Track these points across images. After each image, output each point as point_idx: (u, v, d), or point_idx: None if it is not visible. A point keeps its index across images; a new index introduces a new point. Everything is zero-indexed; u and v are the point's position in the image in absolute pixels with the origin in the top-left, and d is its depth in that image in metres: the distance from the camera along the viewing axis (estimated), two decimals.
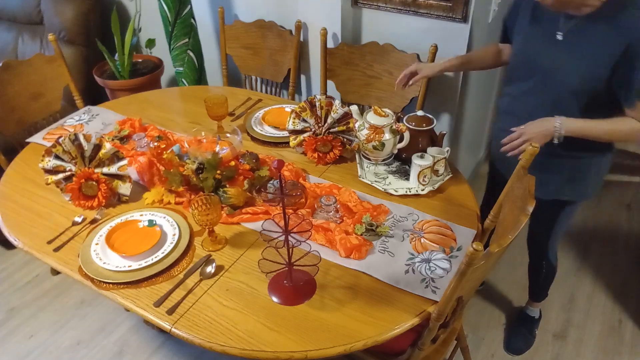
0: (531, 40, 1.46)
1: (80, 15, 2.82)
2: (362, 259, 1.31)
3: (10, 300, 2.26)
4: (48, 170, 1.54)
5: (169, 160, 1.54)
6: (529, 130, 1.38)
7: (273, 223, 1.17)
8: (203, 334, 1.15)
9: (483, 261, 1.05)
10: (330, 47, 2.22)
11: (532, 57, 1.45)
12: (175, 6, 2.36)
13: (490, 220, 1.49)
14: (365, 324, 1.15)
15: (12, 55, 2.97)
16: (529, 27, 1.46)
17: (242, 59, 2.52)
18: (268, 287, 1.25)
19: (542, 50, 1.42)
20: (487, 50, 1.72)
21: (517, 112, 1.52)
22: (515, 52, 1.53)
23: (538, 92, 1.45)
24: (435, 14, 1.98)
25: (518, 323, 2.07)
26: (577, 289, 2.26)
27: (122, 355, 2.01)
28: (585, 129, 1.35)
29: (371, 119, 1.60)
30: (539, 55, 1.43)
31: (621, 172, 3.02)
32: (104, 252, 1.35)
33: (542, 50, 1.42)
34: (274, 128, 1.89)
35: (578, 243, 2.50)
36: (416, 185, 1.55)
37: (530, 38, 1.46)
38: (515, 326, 2.07)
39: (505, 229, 1.27)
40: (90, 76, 2.88)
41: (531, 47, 1.46)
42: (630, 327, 2.08)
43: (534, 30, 1.45)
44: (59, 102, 2.18)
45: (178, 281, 1.28)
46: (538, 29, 1.43)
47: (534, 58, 1.44)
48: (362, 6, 2.14)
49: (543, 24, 1.42)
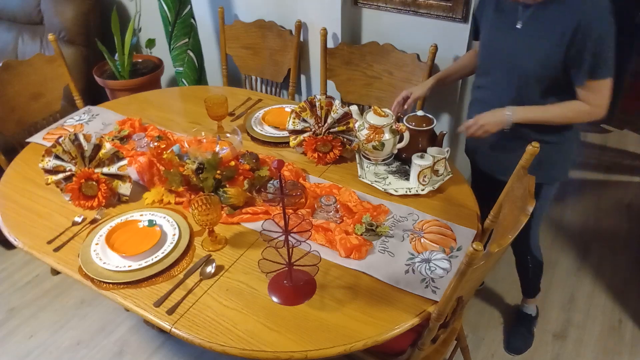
0: (495, 31, 1.53)
1: (80, 15, 2.82)
2: (362, 259, 1.32)
3: (10, 300, 2.26)
4: (48, 170, 1.54)
5: (169, 160, 1.54)
6: (484, 119, 1.51)
7: (273, 223, 1.17)
8: (203, 334, 1.15)
9: (483, 261, 1.05)
10: (330, 47, 2.22)
11: (496, 48, 1.53)
12: (175, 6, 2.36)
13: (490, 220, 1.49)
14: (365, 324, 1.15)
15: (12, 55, 2.97)
16: (493, 19, 1.54)
17: (242, 59, 2.52)
18: (268, 287, 1.26)
19: (505, 40, 1.49)
20: (468, 55, 1.79)
21: (489, 101, 1.58)
22: (482, 44, 1.60)
23: (504, 81, 1.52)
24: (435, 14, 1.98)
25: (516, 323, 2.07)
26: (577, 289, 2.26)
27: (122, 355, 2.01)
28: (534, 116, 1.47)
29: (371, 119, 1.60)
30: (502, 46, 1.50)
31: (621, 172, 3.02)
32: (104, 252, 1.35)
33: (505, 40, 1.49)
34: (274, 128, 1.89)
35: (578, 243, 2.50)
36: (416, 185, 1.55)
37: (494, 30, 1.54)
38: (513, 326, 2.07)
39: (505, 229, 1.27)
40: (90, 76, 2.88)
41: (495, 39, 1.53)
42: (630, 327, 2.08)
43: (498, 21, 1.52)
44: (59, 102, 2.18)
45: (178, 281, 1.28)
46: (501, 20, 1.51)
47: (498, 49, 1.52)
48: (362, 6, 2.14)
49: (505, 15, 1.49)
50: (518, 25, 1.45)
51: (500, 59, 1.51)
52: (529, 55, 1.43)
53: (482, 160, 1.72)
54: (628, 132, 3.40)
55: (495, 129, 1.50)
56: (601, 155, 3.18)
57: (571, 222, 2.64)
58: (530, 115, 1.47)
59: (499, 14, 1.51)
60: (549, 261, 2.39)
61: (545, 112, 1.47)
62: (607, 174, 3.00)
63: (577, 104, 1.44)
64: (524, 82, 1.47)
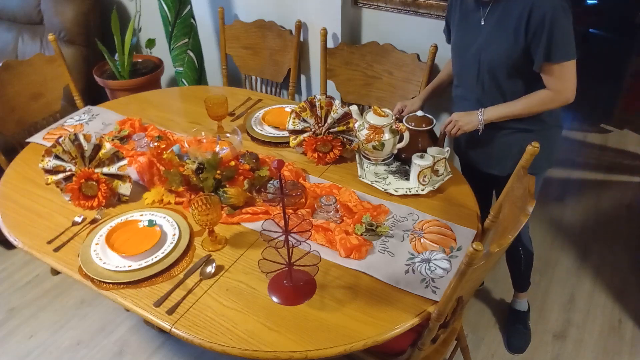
0: (463, 31, 1.59)
1: (80, 15, 2.82)
2: (362, 259, 1.32)
3: (10, 300, 2.26)
4: (48, 170, 1.54)
5: (169, 160, 1.54)
6: (459, 119, 1.59)
7: (273, 223, 1.17)
8: (203, 334, 1.15)
9: (483, 261, 1.05)
10: (330, 47, 2.22)
11: (464, 47, 1.58)
12: (175, 6, 2.36)
13: (490, 220, 1.49)
14: (365, 324, 1.15)
15: (12, 55, 2.97)
16: (460, 21, 1.60)
17: (242, 59, 2.52)
18: (268, 287, 1.26)
19: (471, 38, 1.55)
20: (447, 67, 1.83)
21: (465, 98, 1.65)
22: (453, 46, 1.65)
23: (475, 77, 1.57)
24: (435, 14, 1.98)
25: (511, 321, 2.07)
26: (577, 289, 2.26)
27: (122, 355, 2.01)
28: (503, 113, 1.53)
29: (371, 119, 1.60)
30: (469, 43, 1.56)
31: (621, 172, 3.02)
32: (104, 252, 1.35)
33: (471, 38, 1.55)
34: (274, 128, 1.89)
35: (578, 243, 2.50)
36: (416, 185, 1.55)
37: (461, 30, 1.59)
38: (509, 325, 2.06)
39: (505, 229, 1.27)
40: (90, 76, 2.88)
41: (463, 38, 1.59)
42: (630, 327, 2.08)
43: (464, 22, 1.58)
44: (59, 102, 2.18)
45: (178, 281, 1.28)
46: (467, 21, 1.57)
47: (466, 47, 1.57)
48: (362, 6, 2.14)
49: (470, 15, 1.56)
50: (482, 22, 1.51)
51: (469, 57, 1.56)
52: (495, 48, 1.48)
53: (475, 157, 1.74)
54: (628, 132, 3.40)
55: (468, 128, 1.57)
56: (601, 155, 3.18)
57: (571, 222, 2.64)
58: (498, 112, 1.53)
59: (464, 15, 1.58)
60: (549, 261, 2.40)
61: (513, 107, 1.52)
62: (607, 174, 3.00)
63: (540, 92, 1.48)
64: (492, 75, 1.52)
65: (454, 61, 1.67)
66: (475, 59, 1.54)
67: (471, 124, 1.56)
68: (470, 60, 1.56)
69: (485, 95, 1.57)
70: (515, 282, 2.03)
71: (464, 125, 1.57)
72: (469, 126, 1.57)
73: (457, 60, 1.64)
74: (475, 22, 1.53)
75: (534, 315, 2.13)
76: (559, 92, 1.46)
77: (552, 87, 1.46)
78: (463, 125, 1.57)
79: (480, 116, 1.54)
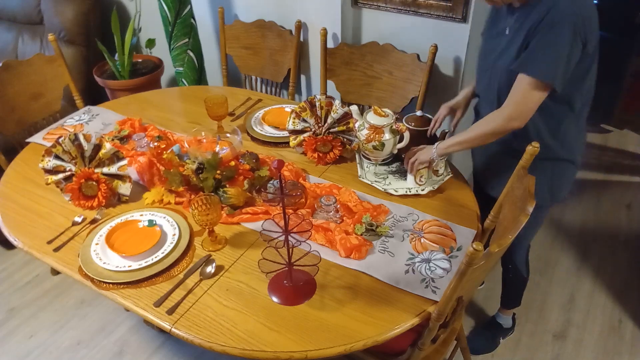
0: (488, 40, 1.52)
1: (80, 15, 2.82)
2: (362, 259, 1.32)
3: (10, 300, 2.26)
4: (48, 170, 1.54)
5: (169, 160, 1.54)
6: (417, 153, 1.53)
7: (273, 223, 1.17)
8: (203, 334, 1.15)
9: (483, 261, 1.05)
10: (330, 47, 2.22)
11: (485, 55, 1.51)
12: (175, 6, 2.36)
13: (490, 220, 1.49)
14: (365, 324, 1.15)
15: (12, 55, 2.97)
16: (488, 29, 1.53)
17: (242, 59, 2.52)
18: (268, 287, 1.26)
19: (493, 47, 1.47)
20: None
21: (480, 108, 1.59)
22: (479, 53, 1.57)
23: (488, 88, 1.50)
24: (435, 14, 1.98)
25: (483, 325, 2.05)
26: (577, 289, 2.26)
27: (122, 355, 2.01)
28: (453, 141, 1.46)
29: (371, 119, 1.60)
30: (489, 52, 1.48)
31: (621, 172, 3.02)
32: (104, 252, 1.35)
33: (493, 47, 1.47)
34: (274, 128, 1.89)
35: (578, 243, 2.50)
36: (413, 185, 1.55)
37: (488, 38, 1.52)
38: (480, 327, 2.05)
39: (505, 229, 1.27)
40: (90, 76, 2.88)
41: (486, 46, 1.52)
42: (630, 327, 2.08)
43: (491, 30, 1.50)
44: (59, 102, 2.18)
45: (178, 281, 1.28)
46: (494, 29, 1.49)
47: (486, 55, 1.51)
48: (362, 6, 2.14)
49: (497, 23, 1.47)
50: (507, 32, 1.41)
51: (486, 65, 1.50)
52: (507, 57, 1.38)
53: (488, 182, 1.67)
54: (628, 132, 3.40)
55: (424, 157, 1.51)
56: (601, 155, 3.18)
57: (571, 222, 2.64)
58: (450, 144, 1.47)
59: (494, 22, 1.49)
60: (549, 261, 2.40)
61: (464, 135, 1.45)
62: (607, 174, 3.00)
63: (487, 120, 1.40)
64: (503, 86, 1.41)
65: (477, 69, 1.57)
66: (491, 69, 1.46)
67: (427, 155, 1.50)
68: (486, 70, 1.49)
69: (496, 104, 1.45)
70: (502, 296, 1.97)
71: (422, 157, 1.51)
72: (423, 156, 1.51)
73: (478, 67, 1.56)
74: (501, 30, 1.44)
75: (534, 315, 2.13)
76: (504, 106, 1.34)
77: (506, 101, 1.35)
78: (420, 157, 1.52)
79: (434, 150, 1.49)
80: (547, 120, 1.42)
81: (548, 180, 1.51)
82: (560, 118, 1.43)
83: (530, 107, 1.32)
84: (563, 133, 1.46)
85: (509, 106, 1.34)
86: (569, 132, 1.46)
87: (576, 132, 1.49)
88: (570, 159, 1.52)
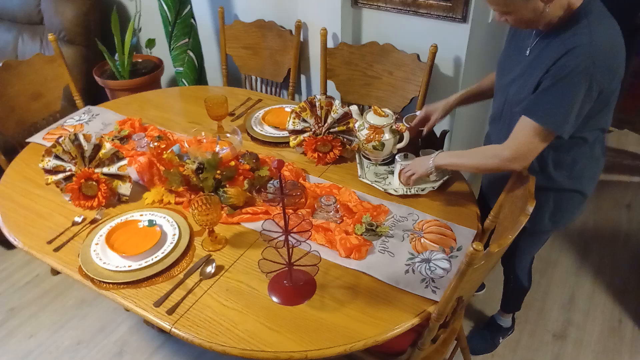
0: (507, 56, 1.43)
1: (80, 15, 2.82)
2: (362, 259, 1.32)
3: (10, 300, 2.26)
4: (48, 170, 1.54)
5: (169, 160, 1.54)
6: (413, 166, 1.50)
7: (273, 223, 1.17)
8: (203, 334, 1.15)
9: (483, 261, 1.05)
10: (330, 47, 2.22)
11: (502, 73, 1.42)
12: (175, 6, 2.36)
13: (490, 220, 1.49)
14: (365, 324, 1.15)
15: (12, 55, 2.97)
16: (509, 44, 1.44)
17: (242, 59, 2.52)
18: (268, 287, 1.26)
19: (510, 65, 1.38)
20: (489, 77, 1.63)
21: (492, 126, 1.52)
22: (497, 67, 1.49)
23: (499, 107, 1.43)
24: (435, 14, 1.98)
25: (483, 325, 2.05)
26: (577, 289, 2.26)
27: (122, 355, 2.01)
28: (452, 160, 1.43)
29: (371, 119, 1.60)
30: (507, 71, 1.40)
31: (621, 172, 3.02)
32: (104, 252, 1.35)
33: (510, 65, 1.38)
34: (274, 128, 1.89)
35: (578, 243, 2.50)
36: (398, 185, 1.54)
37: (507, 54, 1.44)
38: (479, 327, 2.05)
39: (505, 229, 1.27)
40: (90, 76, 2.88)
41: (504, 63, 1.43)
42: (630, 327, 2.08)
43: (511, 47, 1.42)
44: (59, 102, 2.18)
45: (178, 281, 1.28)
46: (515, 46, 1.40)
47: (503, 73, 1.41)
48: (362, 6, 2.14)
49: (519, 41, 1.38)
50: (527, 52, 1.32)
51: (502, 84, 1.41)
52: (521, 84, 1.30)
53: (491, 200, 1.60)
54: (628, 132, 3.39)
55: (421, 171, 1.47)
56: None
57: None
58: (448, 161, 1.43)
59: (515, 40, 1.40)
60: (549, 261, 2.40)
61: (461, 157, 1.41)
62: (607, 174, 3.00)
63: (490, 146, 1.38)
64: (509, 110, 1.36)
65: (495, 82, 1.49)
66: (505, 89, 1.38)
67: (423, 167, 1.46)
68: (501, 89, 1.41)
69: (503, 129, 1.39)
70: (502, 299, 1.96)
71: (418, 168, 1.48)
72: (421, 169, 1.47)
73: (495, 86, 1.48)
74: (521, 50, 1.35)
75: (534, 315, 2.13)
76: (506, 146, 1.28)
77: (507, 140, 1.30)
78: (416, 168, 1.48)
79: (432, 162, 1.44)
80: (552, 152, 1.35)
81: (550, 209, 1.45)
82: (568, 148, 1.35)
83: (533, 151, 1.27)
84: (570, 163, 1.37)
85: (509, 148, 1.28)
86: (579, 162, 1.37)
87: (588, 161, 1.39)
88: (579, 190, 1.43)
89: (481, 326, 2.06)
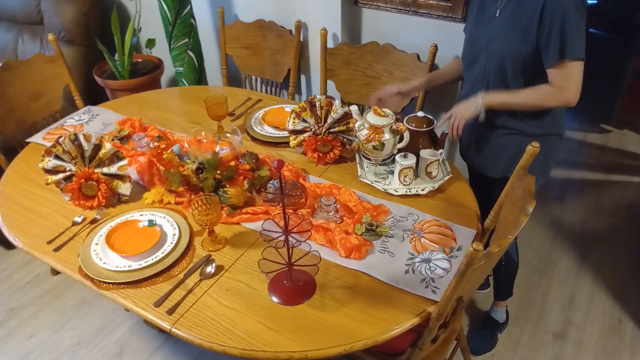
0: (477, 23, 1.57)
1: (80, 15, 2.82)
2: (362, 259, 1.32)
3: (10, 300, 2.26)
4: (48, 170, 1.54)
5: (169, 160, 1.54)
6: (457, 110, 1.55)
7: (273, 223, 1.17)
8: (203, 334, 1.15)
9: (483, 261, 1.05)
10: (330, 47, 2.22)
11: (477, 39, 1.56)
12: (175, 6, 2.36)
13: (490, 220, 1.49)
14: (365, 324, 1.15)
15: (12, 55, 2.97)
16: (477, 12, 1.58)
17: (242, 59, 2.52)
18: (268, 287, 1.26)
19: (484, 30, 1.53)
20: (452, 64, 1.81)
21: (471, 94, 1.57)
22: (466, 38, 1.62)
23: (482, 71, 1.55)
24: (435, 14, 1.98)
25: (481, 324, 2.06)
26: (577, 289, 2.26)
27: (122, 355, 2.01)
28: (503, 99, 1.50)
29: (371, 119, 1.60)
30: (481, 36, 1.54)
31: (621, 172, 3.02)
32: (104, 252, 1.35)
33: (484, 30, 1.53)
34: (274, 128, 1.89)
35: (578, 243, 2.50)
36: (397, 185, 1.54)
37: (476, 22, 1.57)
38: (478, 327, 2.06)
39: (505, 229, 1.27)
40: (90, 76, 2.88)
41: (476, 30, 1.57)
42: (630, 327, 2.08)
43: (480, 14, 1.56)
44: (59, 102, 2.18)
45: (178, 281, 1.28)
46: (483, 12, 1.55)
47: (478, 39, 1.55)
48: (362, 6, 2.14)
49: (487, 8, 1.54)
50: (497, 14, 1.49)
51: (479, 48, 1.54)
52: (505, 41, 1.46)
53: (473, 158, 1.73)
54: (628, 132, 3.40)
55: (468, 114, 1.52)
56: (601, 155, 3.18)
57: (571, 222, 2.64)
58: (499, 99, 1.50)
59: (482, 7, 1.55)
60: (549, 261, 2.40)
61: (513, 95, 1.49)
62: (607, 174, 3.00)
63: (543, 87, 1.45)
64: (498, 70, 1.50)
65: (464, 55, 1.63)
66: (485, 52, 1.52)
67: (470, 109, 1.51)
68: (480, 53, 1.54)
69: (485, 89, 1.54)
70: (495, 288, 1.99)
71: (464, 112, 1.52)
72: (468, 112, 1.52)
73: (468, 53, 1.61)
74: (490, 14, 1.51)
75: (534, 315, 2.13)
76: (561, 90, 1.42)
77: (556, 84, 1.42)
78: (462, 112, 1.52)
79: (480, 100, 1.50)
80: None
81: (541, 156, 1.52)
82: None
83: (579, 86, 1.41)
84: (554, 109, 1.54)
85: (568, 91, 1.41)
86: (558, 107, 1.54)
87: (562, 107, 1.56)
88: (559, 134, 1.61)
89: (479, 325, 2.06)
